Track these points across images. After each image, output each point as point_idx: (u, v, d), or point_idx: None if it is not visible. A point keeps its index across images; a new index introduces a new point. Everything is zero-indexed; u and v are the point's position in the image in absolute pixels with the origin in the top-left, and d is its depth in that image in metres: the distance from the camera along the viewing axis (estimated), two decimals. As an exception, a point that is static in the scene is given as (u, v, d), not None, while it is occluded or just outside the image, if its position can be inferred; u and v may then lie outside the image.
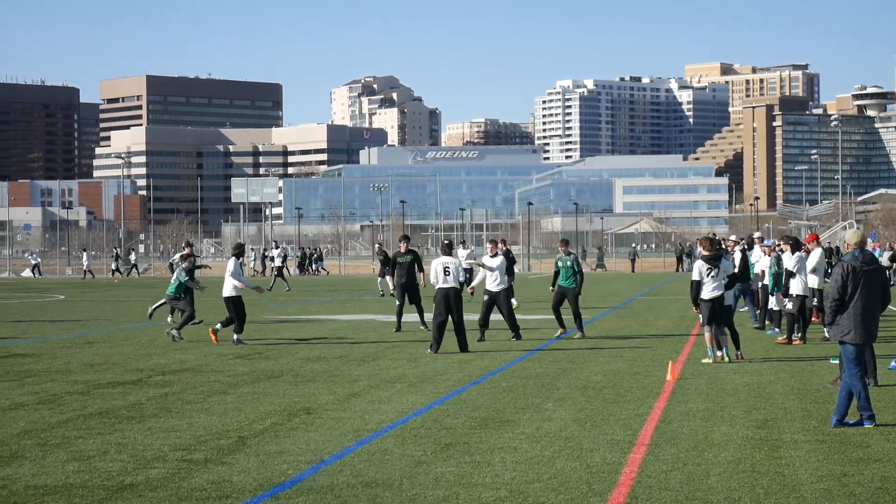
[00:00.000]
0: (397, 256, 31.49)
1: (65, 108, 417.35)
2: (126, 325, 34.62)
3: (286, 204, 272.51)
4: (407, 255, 31.00)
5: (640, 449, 13.23)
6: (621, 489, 11.27)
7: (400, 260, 31.01)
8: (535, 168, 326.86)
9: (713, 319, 22.42)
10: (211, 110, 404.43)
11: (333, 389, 18.77)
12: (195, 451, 13.39)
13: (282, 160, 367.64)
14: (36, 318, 38.48)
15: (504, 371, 21.31)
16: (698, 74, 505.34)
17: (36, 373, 21.66)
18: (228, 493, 11.23)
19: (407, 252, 31.04)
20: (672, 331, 30.64)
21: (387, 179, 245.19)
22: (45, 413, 16.44)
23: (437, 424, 15.11)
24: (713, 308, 22.41)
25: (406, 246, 31.25)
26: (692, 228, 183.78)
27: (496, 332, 28.76)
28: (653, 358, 23.32)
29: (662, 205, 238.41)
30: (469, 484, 11.53)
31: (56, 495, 11.20)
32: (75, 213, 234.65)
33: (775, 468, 12.17)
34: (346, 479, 11.80)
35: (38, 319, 37.99)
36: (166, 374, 21.21)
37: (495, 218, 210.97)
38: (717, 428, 14.62)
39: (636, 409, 16.32)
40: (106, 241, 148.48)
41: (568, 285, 28.47)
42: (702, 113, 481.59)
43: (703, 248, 23.10)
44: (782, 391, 18.12)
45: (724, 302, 22.67)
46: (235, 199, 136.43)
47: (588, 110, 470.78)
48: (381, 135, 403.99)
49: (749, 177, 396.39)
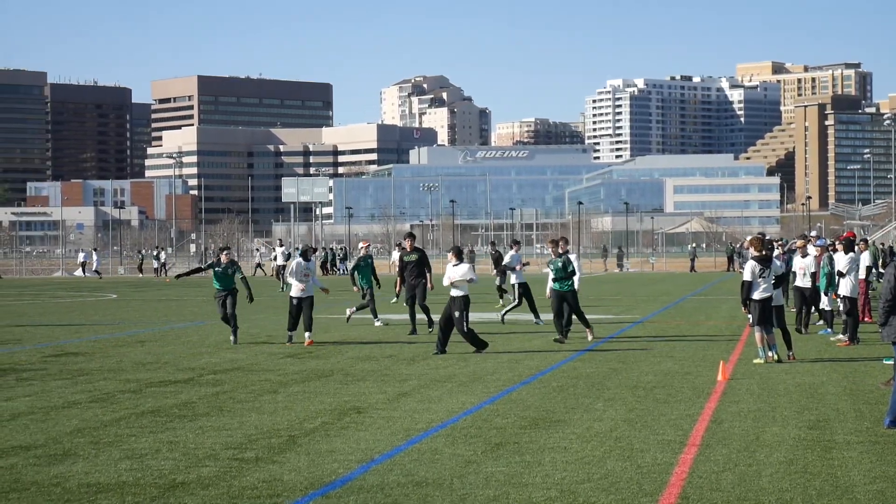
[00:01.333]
0: (403, 255, 30.16)
1: (117, 108, 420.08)
2: (177, 325, 34.80)
3: (336, 203, 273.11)
4: (412, 254, 29.88)
5: (691, 449, 13.17)
6: (672, 490, 11.22)
7: (406, 259, 29.81)
8: (585, 168, 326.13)
9: (763, 320, 22.30)
10: (262, 110, 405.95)
11: (384, 389, 18.79)
12: (246, 449, 13.44)
13: (332, 160, 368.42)
14: (88, 317, 38.73)
15: (554, 371, 21.27)
16: (750, 73, 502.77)
17: (89, 371, 21.81)
18: (279, 492, 11.26)
19: (413, 250, 29.81)
20: (723, 331, 30.49)
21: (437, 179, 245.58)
22: (97, 411, 16.55)
23: (488, 424, 15.10)
24: (763, 308, 22.30)
25: (411, 244, 29.87)
26: (743, 228, 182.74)
27: (546, 334, 28.69)
28: (703, 358, 23.22)
29: (713, 204, 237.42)
30: (519, 484, 11.52)
31: (109, 493, 11.26)
32: (127, 212, 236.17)
33: (828, 469, 12.09)
34: (396, 478, 11.81)
35: (91, 320, 38.22)
36: (217, 373, 21.30)
37: (545, 218, 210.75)
38: (769, 428, 14.54)
39: (687, 409, 16.25)
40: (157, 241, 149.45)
41: (563, 289, 27.01)
42: (753, 112, 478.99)
43: (753, 249, 22.97)
44: (835, 392, 18.00)
45: (772, 302, 22.55)
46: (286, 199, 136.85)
47: (638, 109, 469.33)
48: (431, 134, 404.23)
49: (801, 176, 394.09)
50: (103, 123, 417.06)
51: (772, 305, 22.51)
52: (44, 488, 11.46)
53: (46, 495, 11.18)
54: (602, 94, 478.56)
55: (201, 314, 39.64)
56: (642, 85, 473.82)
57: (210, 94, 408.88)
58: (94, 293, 59.18)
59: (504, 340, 27.82)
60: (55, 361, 23.79)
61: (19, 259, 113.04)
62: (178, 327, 33.69)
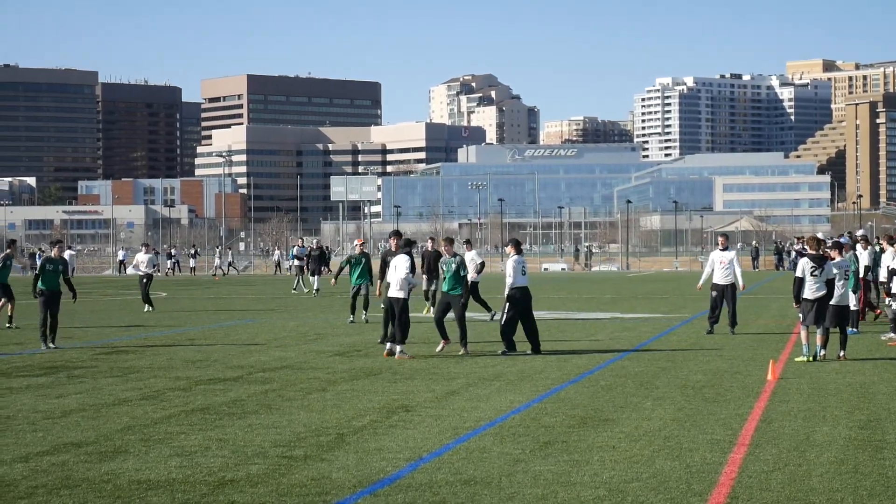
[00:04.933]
0: (387, 255, 27.26)
1: (167, 107, 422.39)
2: (226, 323, 34.96)
3: (385, 202, 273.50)
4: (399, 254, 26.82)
5: (741, 449, 13.11)
6: (721, 489, 11.18)
7: (390, 258, 25.81)
8: (633, 166, 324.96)
9: (820, 319, 22.30)
10: (310, 109, 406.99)
11: (432, 387, 18.81)
12: (295, 447, 13.49)
13: (380, 158, 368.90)
14: (139, 316, 38.94)
15: (602, 369, 21.23)
16: (800, 71, 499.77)
17: (139, 369, 21.95)
18: (328, 490, 11.30)
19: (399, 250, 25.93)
20: (772, 330, 30.35)
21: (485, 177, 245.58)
22: (147, 409, 16.65)
23: (536, 423, 15.09)
24: (817, 308, 22.27)
25: (397, 242, 26.06)
26: (793, 227, 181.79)
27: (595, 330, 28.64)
28: (753, 357, 23.13)
29: (763, 203, 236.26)
30: (567, 483, 11.51)
31: (159, 490, 11.33)
32: (177, 211, 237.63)
33: (879, 469, 12.01)
34: (444, 476, 11.82)
35: (140, 319, 38.44)
36: (266, 371, 21.38)
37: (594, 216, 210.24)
38: (819, 428, 14.46)
39: (736, 408, 16.18)
40: (207, 239, 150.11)
41: (451, 291, 25.22)
42: (803, 110, 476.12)
43: (809, 248, 23.09)
44: (886, 391, 17.89)
45: (828, 302, 22.55)
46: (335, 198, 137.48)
47: (687, 108, 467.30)
48: (479, 133, 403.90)
49: (852, 175, 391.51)
50: (153, 122, 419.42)
51: (828, 305, 22.56)
52: (94, 485, 11.54)
53: (97, 492, 11.25)
54: (651, 93, 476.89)
55: (250, 312, 39.81)
56: (691, 83, 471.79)
57: (259, 93, 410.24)
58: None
59: (552, 339, 27.79)
60: (106, 359, 23.95)
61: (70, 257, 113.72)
62: (228, 325, 33.84)
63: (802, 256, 23.46)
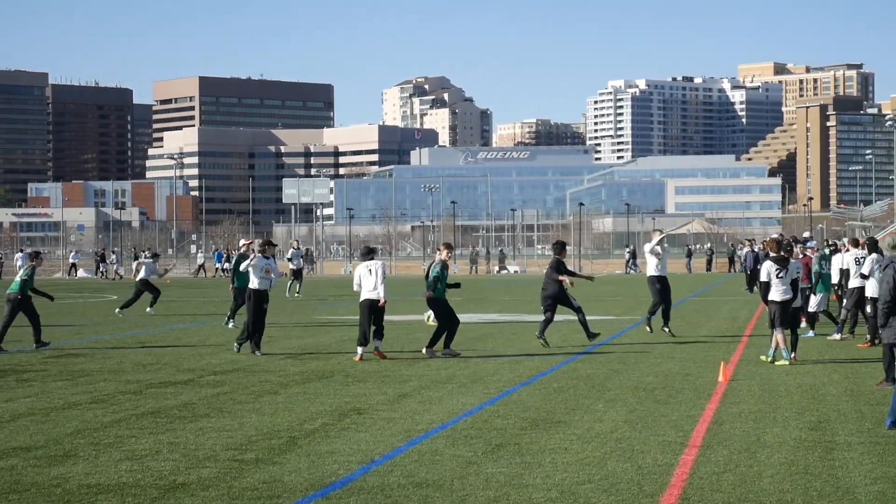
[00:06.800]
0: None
1: (118, 109, 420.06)
2: (177, 326, 34.81)
3: (337, 204, 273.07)
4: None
5: (692, 450, 13.17)
6: (672, 491, 11.22)
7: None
8: (586, 168, 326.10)
9: (785, 322, 22.43)
10: (263, 111, 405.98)
11: (384, 390, 18.79)
12: (246, 450, 13.44)
13: (333, 161, 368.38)
14: (90, 318, 38.71)
15: (555, 372, 21.27)
16: (751, 74, 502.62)
17: (89, 372, 21.81)
18: (279, 493, 11.26)
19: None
20: (724, 332, 30.50)
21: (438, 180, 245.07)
22: (98, 412, 16.55)
23: (488, 425, 15.10)
24: (784, 310, 22.41)
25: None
26: (744, 229, 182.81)
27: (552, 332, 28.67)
28: (704, 359, 23.22)
29: (715, 205, 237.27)
30: (520, 485, 11.52)
31: (109, 494, 11.26)
32: (128, 213, 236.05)
33: (829, 470, 12.08)
34: (396, 479, 11.81)
35: (92, 321, 38.22)
36: (218, 374, 21.30)
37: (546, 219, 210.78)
38: (770, 430, 14.54)
39: (688, 410, 16.25)
40: (158, 242, 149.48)
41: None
42: (755, 113, 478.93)
43: (770, 250, 23.18)
44: (836, 393, 18.00)
45: (792, 304, 22.75)
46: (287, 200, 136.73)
47: (640, 110, 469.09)
48: (432, 135, 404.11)
49: (802, 177, 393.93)
50: (104, 124, 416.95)
51: (792, 307, 22.75)
52: (44, 489, 11.46)
53: (46, 496, 11.17)
54: (603, 95, 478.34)
55: (202, 315, 39.66)
56: (644, 86, 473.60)
57: (211, 95, 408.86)
58: (94, 294, 59.16)
59: (505, 341, 27.84)
60: (55, 362, 23.79)
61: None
62: (179, 328, 33.70)
63: (766, 259, 23.55)
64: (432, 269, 24.72)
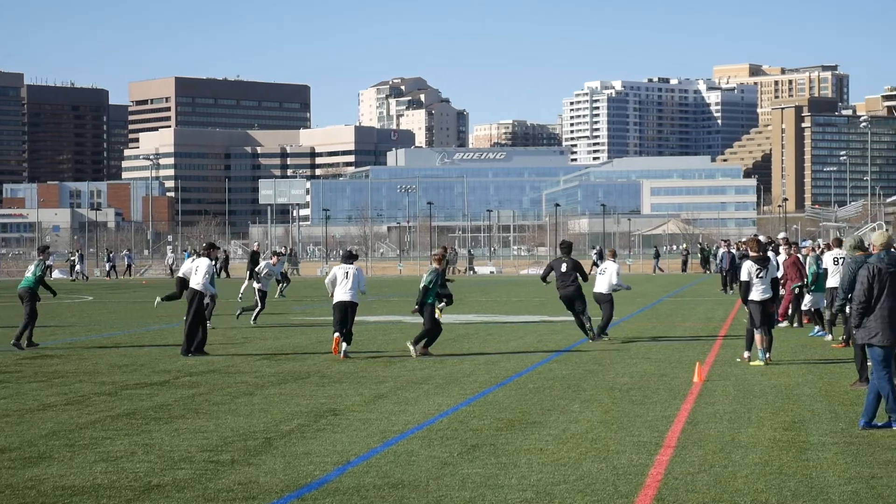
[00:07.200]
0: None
1: (94, 109, 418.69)
2: (153, 327, 34.74)
3: (313, 205, 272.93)
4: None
5: (667, 451, 13.20)
6: (648, 491, 11.25)
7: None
8: (562, 169, 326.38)
9: (765, 321, 22.46)
10: (239, 112, 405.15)
11: (360, 391, 18.79)
12: (222, 452, 13.43)
13: (309, 161, 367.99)
14: (64, 319, 38.60)
15: (530, 372, 21.30)
16: (727, 75, 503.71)
17: (64, 374, 21.76)
18: (255, 494, 11.25)
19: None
20: (699, 332, 30.58)
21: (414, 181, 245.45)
22: (73, 414, 16.51)
23: (464, 426, 15.11)
24: (764, 310, 22.45)
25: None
26: (720, 230, 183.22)
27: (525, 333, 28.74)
28: (679, 360, 23.28)
29: (690, 206, 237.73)
30: (495, 485, 11.53)
31: (84, 496, 11.24)
32: (104, 214, 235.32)
33: (803, 470, 12.13)
34: (372, 480, 11.82)
35: (67, 322, 38.10)
36: (193, 376, 21.27)
37: (522, 219, 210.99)
38: (745, 430, 14.59)
39: (663, 410, 16.29)
40: (134, 243, 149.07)
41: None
42: (730, 114, 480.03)
43: (750, 250, 23.21)
44: (810, 393, 18.07)
45: (773, 303, 22.84)
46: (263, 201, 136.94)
47: (616, 111, 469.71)
48: (408, 136, 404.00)
49: (777, 178, 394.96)
50: (80, 125, 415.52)
51: (773, 306, 22.81)
52: (18, 491, 11.43)
53: (21, 498, 11.14)
54: (579, 96, 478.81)
55: (176, 317, 39.57)
56: (620, 87, 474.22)
57: (187, 96, 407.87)
58: (69, 295, 58.97)
59: (481, 342, 27.85)
60: (30, 364, 23.72)
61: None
62: (154, 329, 33.63)
63: (745, 259, 23.61)
64: (426, 278, 24.84)
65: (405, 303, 47.67)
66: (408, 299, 50.51)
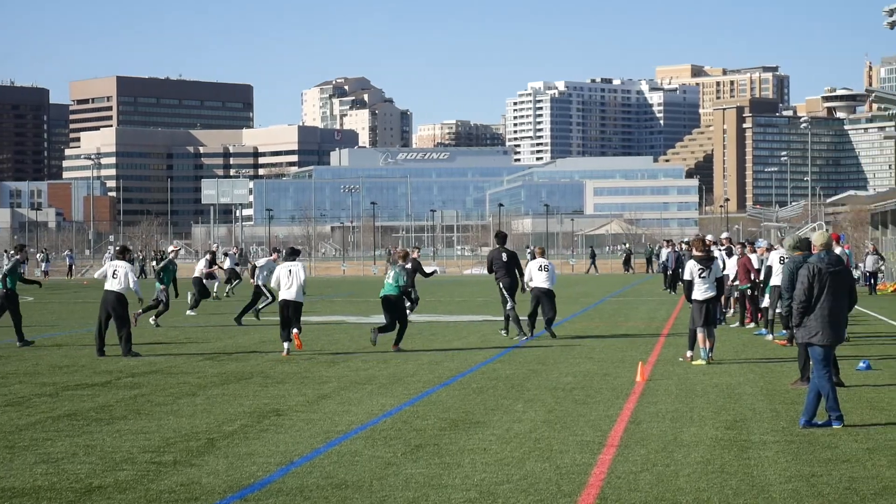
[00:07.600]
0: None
1: (34, 108, 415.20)
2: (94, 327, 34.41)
3: (256, 205, 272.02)
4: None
5: (610, 450, 13.24)
6: (591, 490, 11.28)
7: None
8: (505, 169, 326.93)
9: (707, 320, 22.57)
10: (181, 111, 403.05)
11: (303, 391, 18.74)
12: (164, 453, 13.35)
13: (252, 161, 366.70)
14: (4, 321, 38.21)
15: (474, 372, 21.31)
16: (669, 76, 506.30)
17: (3, 375, 21.56)
18: (197, 496, 11.20)
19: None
20: (642, 332, 30.70)
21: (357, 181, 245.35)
22: (13, 415, 16.36)
23: (407, 426, 15.10)
24: (707, 309, 22.56)
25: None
26: (662, 230, 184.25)
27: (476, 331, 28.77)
28: (622, 359, 23.37)
29: (633, 206, 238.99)
30: (439, 485, 11.53)
31: (24, 498, 11.14)
32: (44, 214, 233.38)
33: (744, 469, 12.20)
34: (315, 480, 11.79)
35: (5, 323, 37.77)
36: (135, 376, 21.14)
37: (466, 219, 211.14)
38: (687, 429, 14.66)
39: (606, 410, 16.34)
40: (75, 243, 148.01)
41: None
42: (672, 114, 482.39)
43: (695, 249, 23.30)
44: (751, 392, 18.18)
45: (716, 302, 23.01)
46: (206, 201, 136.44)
47: (559, 112, 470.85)
48: (352, 136, 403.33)
49: (719, 178, 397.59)
50: (20, 124, 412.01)
51: (717, 305, 22.95)
52: (-43, 493, 11.32)
53: (-40, 501, 11.04)
54: (523, 97, 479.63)
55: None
56: (563, 87, 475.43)
57: (129, 95, 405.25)
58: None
59: (424, 342, 27.85)
60: (-30, 365, 23.48)
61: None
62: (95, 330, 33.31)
63: (689, 258, 23.72)
64: (395, 274, 25.56)
65: (348, 303, 47.59)
66: (352, 299, 50.42)
